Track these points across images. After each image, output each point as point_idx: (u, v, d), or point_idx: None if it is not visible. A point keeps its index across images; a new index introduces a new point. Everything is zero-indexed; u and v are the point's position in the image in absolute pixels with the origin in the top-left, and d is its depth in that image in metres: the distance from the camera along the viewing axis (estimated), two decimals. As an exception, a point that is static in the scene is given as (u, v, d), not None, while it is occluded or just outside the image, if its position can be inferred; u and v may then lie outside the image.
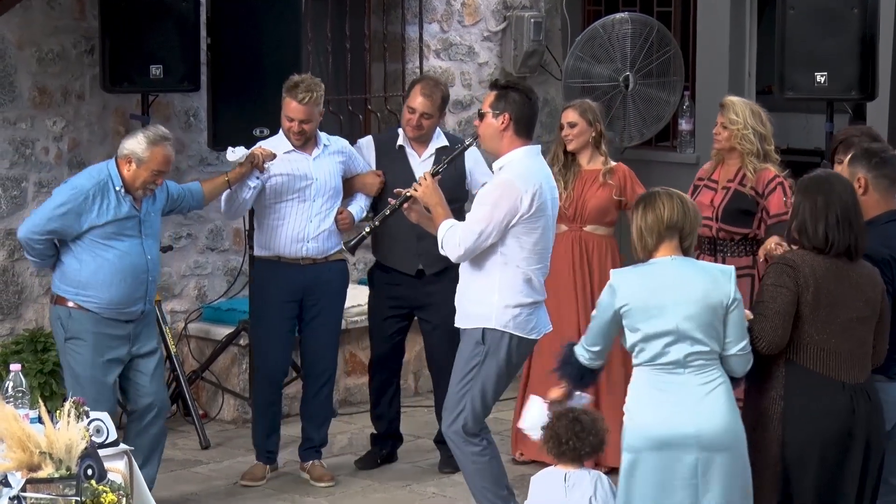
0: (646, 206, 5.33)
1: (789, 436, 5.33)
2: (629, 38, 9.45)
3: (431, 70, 9.80)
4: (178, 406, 8.55)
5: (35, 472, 4.64)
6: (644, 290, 5.27)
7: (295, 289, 7.42)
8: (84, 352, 6.68)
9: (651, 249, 5.32)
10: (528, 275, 6.31)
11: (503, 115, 6.29)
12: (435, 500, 7.41)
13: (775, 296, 5.33)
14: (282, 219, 7.38)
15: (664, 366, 5.24)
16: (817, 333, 5.33)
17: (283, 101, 7.35)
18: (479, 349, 6.32)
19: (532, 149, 6.38)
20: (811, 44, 8.30)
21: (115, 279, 6.66)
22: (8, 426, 4.75)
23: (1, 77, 8.00)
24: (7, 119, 8.06)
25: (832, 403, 5.32)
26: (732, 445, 5.24)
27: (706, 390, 5.23)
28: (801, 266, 5.34)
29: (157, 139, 6.70)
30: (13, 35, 8.03)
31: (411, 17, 9.76)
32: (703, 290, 5.24)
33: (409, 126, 7.58)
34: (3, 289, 8.07)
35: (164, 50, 8.05)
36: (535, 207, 6.25)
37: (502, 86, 6.42)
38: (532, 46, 10.11)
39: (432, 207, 6.43)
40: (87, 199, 6.61)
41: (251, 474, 7.57)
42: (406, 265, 7.60)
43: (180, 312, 8.84)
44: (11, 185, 8.07)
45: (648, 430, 5.20)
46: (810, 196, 5.42)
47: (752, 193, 7.21)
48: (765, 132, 7.29)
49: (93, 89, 8.30)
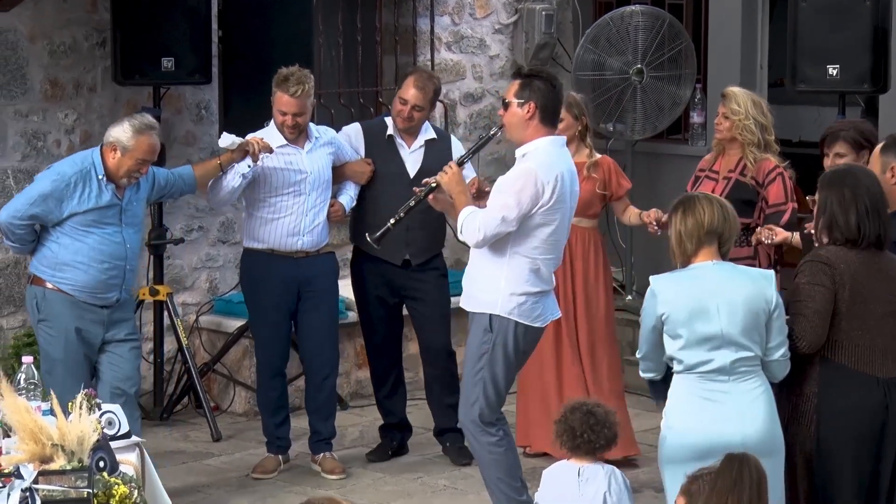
0: (685, 210, 5.27)
1: (823, 433, 5.29)
2: (640, 31, 9.43)
3: (442, 63, 9.79)
4: (189, 398, 8.56)
5: (47, 464, 4.64)
6: (686, 296, 5.21)
7: (289, 281, 7.42)
8: (56, 334, 6.69)
9: (690, 255, 5.26)
10: (536, 264, 6.30)
11: (528, 104, 6.27)
12: (446, 492, 7.42)
13: (813, 294, 5.28)
14: (277, 213, 7.37)
15: (708, 373, 5.18)
16: (853, 330, 5.30)
17: (274, 95, 7.31)
18: (487, 337, 6.33)
19: (556, 139, 6.36)
20: (823, 36, 8.28)
21: (92, 263, 6.65)
22: (20, 418, 4.75)
23: (13, 70, 8.01)
24: (19, 111, 8.06)
25: (867, 399, 5.29)
26: (775, 451, 5.21)
27: (751, 397, 5.18)
28: (836, 263, 5.29)
29: (142, 128, 6.67)
30: (25, 27, 8.04)
31: (423, 9, 9.75)
32: (746, 295, 5.20)
33: (399, 117, 7.58)
34: (14, 281, 8.08)
35: (175, 43, 8.06)
36: (555, 198, 6.24)
37: (526, 74, 6.39)
38: (543, 39, 10.09)
39: (455, 195, 6.42)
40: (68, 186, 6.61)
41: (262, 467, 7.58)
42: (393, 255, 7.60)
43: (192, 305, 8.85)
44: (23, 178, 8.08)
45: (691, 438, 5.12)
46: (836, 189, 5.38)
47: (753, 183, 7.22)
48: (766, 122, 7.30)
49: (104, 82, 8.31)
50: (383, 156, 7.63)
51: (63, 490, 4.48)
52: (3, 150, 8.02)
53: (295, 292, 7.45)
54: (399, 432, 7.90)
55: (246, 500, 7.27)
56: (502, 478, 6.41)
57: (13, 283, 8.07)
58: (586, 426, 5.32)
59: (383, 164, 7.60)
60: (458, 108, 9.94)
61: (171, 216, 8.54)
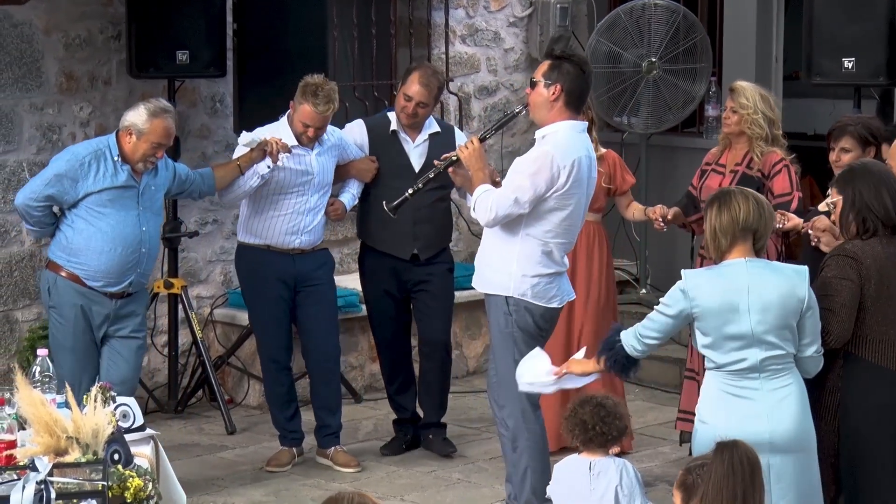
0: (721, 206, 5.21)
1: (845, 428, 5.28)
2: (653, 24, 9.41)
3: (457, 56, 9.78)
4: (204, 391, 8.57)
5: (62, 457, 4.64)
6: (718, 292, 5.16)
7: (286, 276, 7.42)
8: (65, 322, 6.72)
9: (724, 251, 5.21)
10: (549, 247, 6.31)
11: (555, 86, 6.26)
12: (459, 485, 7.41)
13: (840, 289, 5.27)
14: (278, 211, 7.36)
15: (740, 371, 5.15)
16: (878, 325, 5.29)
17: (300, 104, 7.26)
18: (507, 320, 6.35)
19: (577, 124, 6.35)
20: (838, 29, 8.26)
21: (106, 247, 6.67)
22: (35, 411, 4.76)
23: (28, 63, 8.02)
24: (34, 104, 8.07)
25: (890, 395, 5.28)
26: (805, 447, 5.18)
27: (781, 395, 5.14)
28: (862, 257, 5.28)
29: (157, 111, 6.69)
30: (40, 21, 8.04)
31: (437, 2, 9.73)
32: (779, 293, 5.14)
33: (403, 113, 7.57)
34: (29, 274, 8.09)
35: (190, 36, 8.06)
36: (570, 183, 6.24)
37: (557, 55, 6.37)
38: (558, 32, 10.06)
39: (473, 172, 6.43)
40: (83, 166, 6.63)
41: (277, 460, 7.58)
42: (401, 250, 7.60)
43: (206, 298, 8.86)
44: (39, 170, 8.06)
45: (720, 433, 5.04)
46: (863, 180, 5.37)
47: (759, 175, 7.23)
48: (773, 117, 7.31)
49: (119, 75, 8.31)
50: (388, 151, 7.62)
51: (78, 482, 4.49)
52: (18, 142, 8.03)
53: (292, 287, 7.45)
54: (412, 426, 7.90)
55: (260, 492, 7.27)
56: (535, 467, 6.41)
57: (28, 276, 8.08)
58: (598, 419, 5.31)
59: (388, 159, 7.59)
60: (472, 101, 9.93)
61: (186, 209, 8.54)
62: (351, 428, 8.04)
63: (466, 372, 9.45)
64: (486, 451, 7.85)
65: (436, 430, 7.82)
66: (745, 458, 4.19)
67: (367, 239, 7.73)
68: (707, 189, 7.31)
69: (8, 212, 7.98)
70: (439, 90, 7.65)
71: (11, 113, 7.99)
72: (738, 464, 4.16)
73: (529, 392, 6.27)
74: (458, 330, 9.35)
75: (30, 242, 8.06)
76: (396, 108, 7.64)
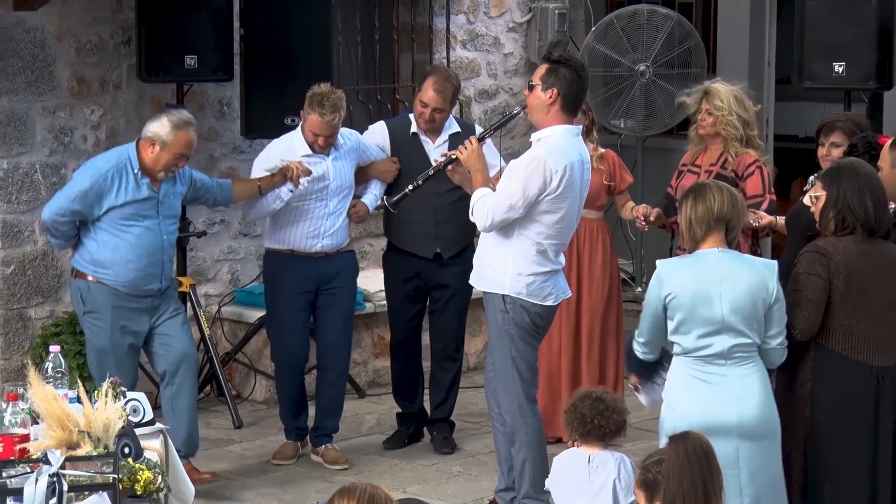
0: (696, 197, 5.28)
1: (817, 417, 5.31)
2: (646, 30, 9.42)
3: (458, 60, 9.78)
4: (211, 387, 8.58)
5: (74, 451, 4.65)
6: (691, 280, 5.21)
7: (308, 280, 7.42)
8: (103, 325, 6.76)
9: (699, 240, 5.27)
10: (542, 246, 6.32)
11: (552, 90, 6.26)
12: (460, 478, 7.42)
13: (807, 284, 5.31)
14: (298, 217, 7.37)
15: (707, 357, 5.20)
16: (847, 318, 5.32)
17: (308, 114, 7.26)
18: (505, 318, 6.36)
19: (572, 128, 6.35)
20: (829, 34, 8.27)
21: (131, 258, 6.73)
22: (48, 406, 4.77)
23: (41, 67, 8.02)
24: (47, 108, 8.08)
25: (859, 387, 5.31)
26: (770, 433, 5.23)
27: (746, 381, 5.20)
28: (832, 253, 5.31)
29: (180, 123, 6.73)
30: (53, 26, 8.05)
31: (438, 8, 9.74)
32: (749, 284, 5.20)
33: (421, 119, 7.56)
34: (43, 273, 8.10)
35: (198, 41, 8.06)
36: (563, 188, 6.24)
37: (555, 60, 6.37)
38: (556, 37, 10.08)
39: (473, 172, 6.45)
40: (105, 181, 6.67)
41: (282, 453, 7.58)
42: (424, 249, 7.60)
43: (214, 296, 8.86)
44: (51, 172, 8.10)
45: (689, 418, 5.12)
46: (847, 181, 5.39)
47: (733, 176, 7.24)
48: (748, 118, 7.30)
49: (129, 79, 8.32)
50: (409, 152, 7.61)
51: (89, 475, 4.49)
52: (31, 145, 8.04)
53: (314, 290, 7.45)
54: (416, 420, 7.90)
55: (266, 485, 7.28)
56: (533, 461, 6.42)
57: (41, 274, 8.09)
58: (596, 412, 5.32)
59: (409, 160, 7.59)
60: (472, 105, 9.94)
61: (194, 210, 8.54)
62: (354, 422, 8.05)
63: (467, 368, 9.44)
64: (486, 444, 7.85)
65: (440, 426, 7.83)
66: (699, 447, 4.19)
67: (392, 238, 7.74)
68: (682, 189, 7.30)
69: (21, 212, 7.99)
70: (454, 94, 7.61)
71: (24, 116, 8.00)
72: (693, 453, 4.16)
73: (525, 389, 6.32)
74: (459, 327, 9.38)
75: (42, 242, 8.06)
76: (415, 114, 7.64)
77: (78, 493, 4.43)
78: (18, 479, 4.46)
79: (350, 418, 7.87)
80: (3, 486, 4.42)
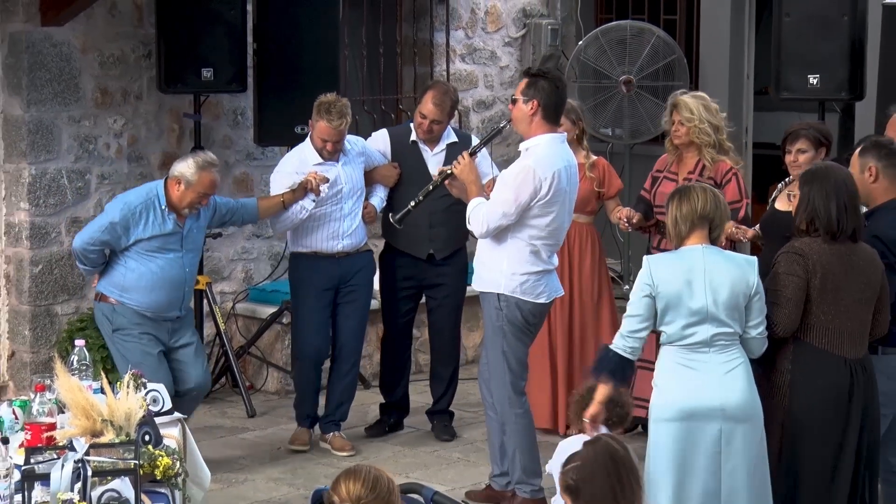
0: (681, 197, 5.31)
1: (795, 404, 5.33)
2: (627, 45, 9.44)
3: (457, 73, 9.79)
4: (226, 378, 8.57)
5: (97, 438, 4.66)
6: (677, 273, 5.24)
7: (331, 278, 7.43)
8: (131, 339, 6.78)
9: (683, 237, 5.29)
10: (535, 247, 6.34)
11: (532, 102, 6.28)
12: (459, 463, 7.42)
13: (787, 284, 5.33)
14: (317, 222, 7.37)
15: (691, 345, 5.22)
16: (823, 314, 5.34)
17: (316, 122, 7.28)
18: (498, 314, 6.38)
19: (556, 136, 6.36)
20: (805, 48, 8.27)
21: (155, 287, 6.76)
22: (73, 396, 4.77)
23: (67, 79, 8.03)
24: (72, 117, 8.08)
25: (835, 377, 5.33)
26: (752, 417, 5.24)
27: (728, 367, 5.22)
28: (809, 254, 5.34)
29: (205, 165, 6.79)
30: (78, 41, 8.05)
31: (439, 24, 9.74)
32: (731, 277, 5.23)
33: (420, 129, 7.57)
34: (68, 271, 8.10)
35: (214, 54, 8.07)
36: (552, 193, 6.26)
37: (533, 74, 6.41)
38: (549, 51, 10.09)
39: (467, 184, 6.48)
40: (134, 215, 6.72)
41: (300, 439, 7.56)
42: (418, 249, 7.61)
43: (229, 293, 8.86)
44: (76, 178, 8.11)
45: (676, 402, 5.16)
46: (818, 185, 5.41)
47: (711, 183, 7.21)
48: (718, 124, 7.30)
49: (149, 90, 8.32)
50: (408, 160, 7.62)
51: (112, 461, 4.50)
52: (58, 152, 8.04)
53: (335, 288, 7.47)
54: (397, 411, 7.91)
55: (278, 470, 7.28)
56: (523, 448, 6.43)
57: (67, 273, 8.09)
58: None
59: (408, 167, 7.60)
60: (470, 115, 9.94)
61: (210, 212, 8.55)
62: (360, 412, 8.05)
63: (466, 361, 9.45)
64: (483, 433, 7.81)
65: (440, 416, 7.84)
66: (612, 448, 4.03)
67: (389, 238, 7.75)
68: (661, 195, 7.31)
69: (48, 215, 8.00)
70: (452, 107, 7.62)
71: (51, 125, 8.00)
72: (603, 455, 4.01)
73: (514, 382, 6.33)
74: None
75: (68, 243, 8.07)
76: (414, 125, 7.64)
77: (101, 478, 4.44)
78: (45, 465, 4.47)
79: (356, 408, 7.87)
80: (32, 472, 4.43)
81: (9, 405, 5.13)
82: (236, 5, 8.11)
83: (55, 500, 4.34)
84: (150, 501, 4.55)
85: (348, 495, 3.74)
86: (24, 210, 7.95)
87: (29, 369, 7.93)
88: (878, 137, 6.12)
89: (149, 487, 4.63)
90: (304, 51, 8.24)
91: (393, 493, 3.77)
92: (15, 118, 7.93)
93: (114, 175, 8.23)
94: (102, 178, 8.20)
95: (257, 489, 7.03)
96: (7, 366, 8.08)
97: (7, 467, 4.44)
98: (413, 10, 9.71)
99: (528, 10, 10.17)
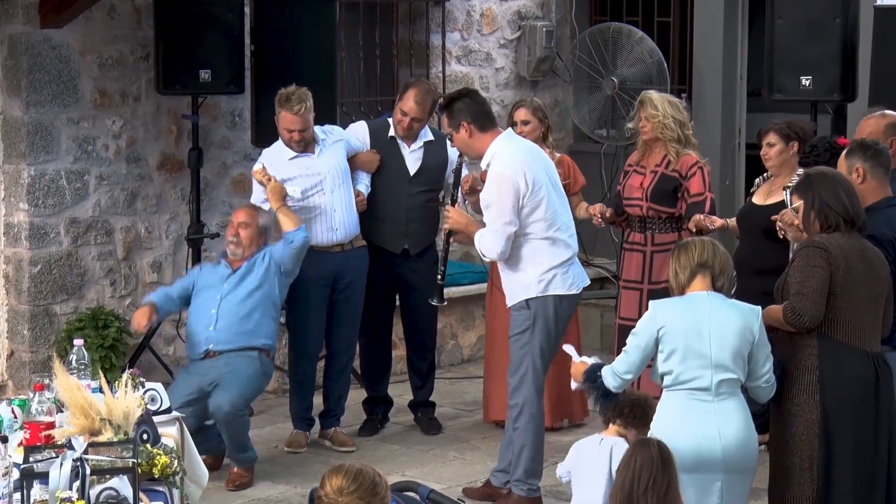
0: (680, 250, 5.32)
1: (827, 401, 5.29)
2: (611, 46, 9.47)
3: (452, 74, 9.78)
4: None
5: (96, 437, 4.65)
6: (683, 318, 5.20)
7: (327, 274, 7.43)
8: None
9: (684, 285, 5.26)
10: (550, 238, 6.35)
11: (462, 125, 6.41)
12: (455, 462, 7.42)
13: (811, 275, 5.27)
14: (310, 213, 7.37)
15: (694, 391, 5.17)
16: (846, 309, 5.31)
17: (278, 115, 7.32)
18: (525, 314, 6.40)
19: (503, 135, 6.47)
20: (797, 50, 8.28)
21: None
22: (72, 395, 4.76)
23: (66, 81, 8.01)
24: (71, 119, 8.07)
25: (862, 369, 5.31)
26: (749, 469, 5.24)
27: (731, 417, 5.17)
28: (831, 248, 5.31)
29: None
30: (77, 43, 8.04)
31: (435, 26, 9.74)
32: (736, 324, 5.19)
33: (399, 126, 7.59)
34: (67, 272, 8.09)
35: (212, 56, 8.06)
36: (532, 183, 6.31)
37: (445, 104, 6.55)
38: (544, 53, 10.09)
39: (464, 228, 6.57)
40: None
41: (296, 442, 7.56)
42: (393, 244, 7.62)
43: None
44: (75, 178, 8.09)
45: (679, 452, 4.95)
46: (820, 183, 5.41)
47: (676, 175, 7.30)
48: (683, 119, 7.41)
49: (148, 92, 8.31)
50: (386, 154, 7.64)
51: (110, 460, 4.49)
52: (57, 153, 8.03)
53: (331, 284, 7.47)
54: (382, 405, 7.91)
55: (275, 469, 7.27)
56: (531, 448, 6.43)
57: (66, 273, 8.08)
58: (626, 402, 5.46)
59: (385, 161, 7.61)
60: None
61: (208, 213, 8.54)
62: (356, 410, 8.04)
63: (461, 360, 9.46)
64: (479, 431, 7.86)
65: (424, 409, 7.85)
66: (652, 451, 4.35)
67: (365, 233, 7.73)
68: (629, 187, 7.47)
69: (47, 215, 7.98)
70: (433, 106, 7.63)
71: (51, 126, 7.99)
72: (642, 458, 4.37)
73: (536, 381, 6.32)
74: (454, 322, 9.37)
75: (67, 243, 8.05)
76: (394, 121, 7.64)
77: (100, 477, 4.43)
78: (44, 464, 4.46)
79: (352, 406, 7.86)
80: (31, 470, 4.42)
81: (8, 404, 5.12)
82: (234, 8, 8.10)
83: (54, 498, 4.33)
84: (148, 500, 4.54)
85: (332, 489, 3.82)
86: (23, 210, 7.94)
87: (28, 368, 7.92)
88: (862, 139, 6.12)
89: (147, 486, 4.62)
90: (301, 53, 8.24)
91: (378, 486, 3.83)
92: (14, 119, 7.92)
93: (112, 176, 8.22)
94: (101, 178, 8.19)
95: (255, 487, 7.03)
96: (6, 365, 8.07)
97: (6, 466, 4.44)
98: (409, 13, 9.71)
99: (523, 12, 10.17)
